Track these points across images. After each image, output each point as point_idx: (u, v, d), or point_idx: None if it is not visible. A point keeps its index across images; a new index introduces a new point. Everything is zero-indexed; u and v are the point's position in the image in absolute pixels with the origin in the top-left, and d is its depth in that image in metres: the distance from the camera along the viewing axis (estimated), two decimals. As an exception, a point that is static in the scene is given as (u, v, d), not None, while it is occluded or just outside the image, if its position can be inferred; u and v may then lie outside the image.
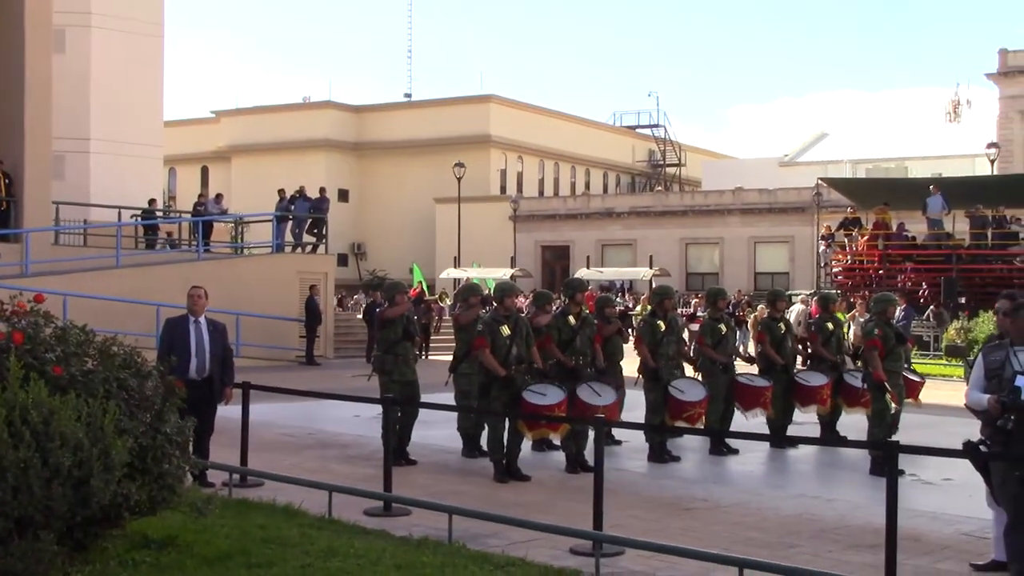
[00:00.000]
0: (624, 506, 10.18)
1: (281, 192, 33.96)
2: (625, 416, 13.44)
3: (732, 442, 14.01)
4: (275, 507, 9.66)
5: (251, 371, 20.61)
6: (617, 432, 14.16)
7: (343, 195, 68.06)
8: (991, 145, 43.84)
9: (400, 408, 12.42)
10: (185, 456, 7.74)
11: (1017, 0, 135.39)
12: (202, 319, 11.14)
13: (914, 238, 36.48)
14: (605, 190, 74.93)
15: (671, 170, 79.06)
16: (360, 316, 34.75)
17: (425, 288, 41.51)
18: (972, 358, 8.49)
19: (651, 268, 51.98)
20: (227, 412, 11.55)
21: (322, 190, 34.56)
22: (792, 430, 14.99)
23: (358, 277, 64.55)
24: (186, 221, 32.85)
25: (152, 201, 30.90)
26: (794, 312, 25.45)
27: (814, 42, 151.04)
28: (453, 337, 14.71)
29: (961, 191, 35.05)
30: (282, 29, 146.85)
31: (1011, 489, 7.50)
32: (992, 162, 42.88)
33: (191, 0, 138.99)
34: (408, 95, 76.60)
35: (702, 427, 13.30)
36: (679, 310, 30.96)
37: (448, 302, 37.45)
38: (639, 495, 11.11)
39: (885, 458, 8.06)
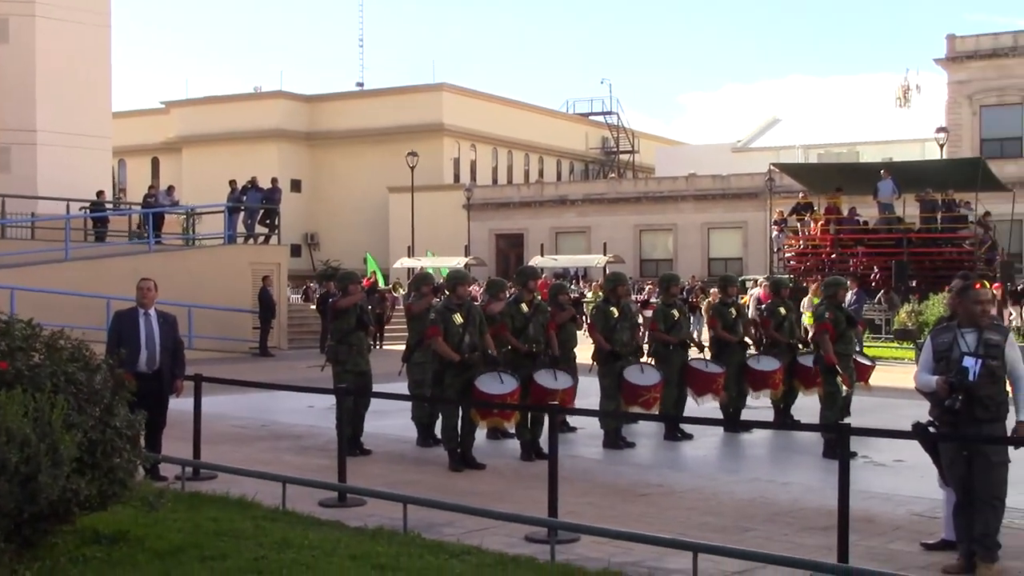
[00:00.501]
0: (579, 493, 10.19)
1: (233, 183, 33.69)
2: (579, 403, 13.45)
3: (687, 427, 14.06)
4: (228, 500, 9.59)
5: (204, 363, 20.45)
6: (572, 419, 14.18)
7: (296, 185, 67.71)
8: (940, 130, 44.24)
9: (354, 398, 12.38)
10: (136, 450, 7.65)
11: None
12: (152, 311, 11.03)
13: (866, 222, 36.78)
14: (559, 178, 75.02)
15: (624, 157, 79.23)
16: (314, 306, 34.58)
17: (380, 278, 41.39)
18: (922, 341, 8.56)
19: (605, 255, 52.05)
20: (179, 405, 11.45)
21: (274, 180, 34.29)
22: (746, 414, 15.08)
23: (311, 267, 64.21)
24: (136, 213, 32.51)
25: (100, 193, 30.55)
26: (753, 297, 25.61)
27: (763, 29, 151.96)
28: (406, 327, 14.66)
29: (911, 175, 35.36)
30: (233, 19, 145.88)
31: (959, 470, 7.58)
32: (941, 146, 43.29)
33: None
34: (360, 84, 76.35)
35: (656, 412, 13.31)
36: (633, 296, 31.14)
37: (402, 291, 37.34)
38: (594, 482, 11.12)
39: (837, 441, 8.11)
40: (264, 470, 10.68)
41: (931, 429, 7.66)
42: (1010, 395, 7.62)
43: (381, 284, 39.72)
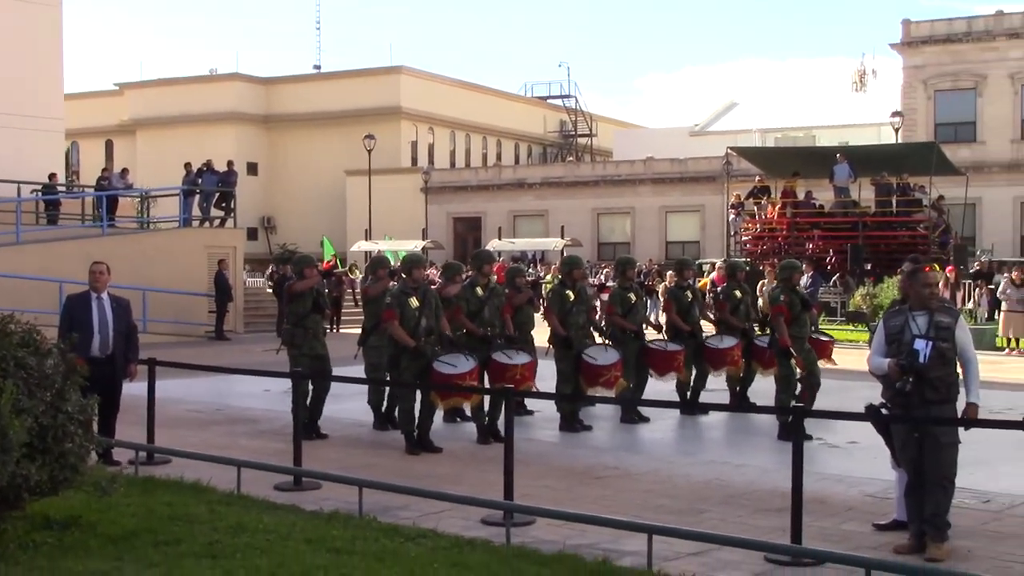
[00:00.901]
0: (535, 476, 10.20)
1: (188, 166, 33.42)
2: (537, 386, 13.49)
3: (643, 410, 14.11)
4: (182, 484, 9.53)
5: (159, 347, 20.35)
6: (529, 401, 14.20)
7: (252, 168, 67.24)
8: (895, 114, 44.59)
9: (311, 382, 12.34)
10: (88, 435, 7.58)
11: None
12: (105, 295, 10.93)
13: (822, 206, 37.03)
14: (517, 161, 74.92)
15: (582, 140, 79.24)
16: (270, 290, 34.44)
17: (338, 261, 41.22)
18: (874, 324, 8.64)
19: (563, 238, 52.10)
20: (134, 389, 11.37)
21: (230, 163, 34.05)
22: (703, 397, 15.15)
23: (268, 251, 63.85)
24: (89, 196, 32.17)
25: (52, 176, 30.21)
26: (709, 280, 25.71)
27: (720, 12, 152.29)
28: (362, 310, 14.62)
29: (867, 159, 35.64)
30: (188, 1, 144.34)
31: (910, 451, 7.66)
32: (897, 131, 43.63)
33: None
34: (317, 67, 75.84)
35: (613, 395, 13.36)
36: (590, 279, 31.21)
37: (358, 275, 37.21)
38: (550, 465, 11.14)
39: (791, 423, 8.16)
40: (219, 454, 10.62)
41: (883, 411, 7.73)
42: (960, 377, 7.71)
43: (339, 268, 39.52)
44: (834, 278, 31.82)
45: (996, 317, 27.44)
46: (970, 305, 29.21)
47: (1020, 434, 6.88)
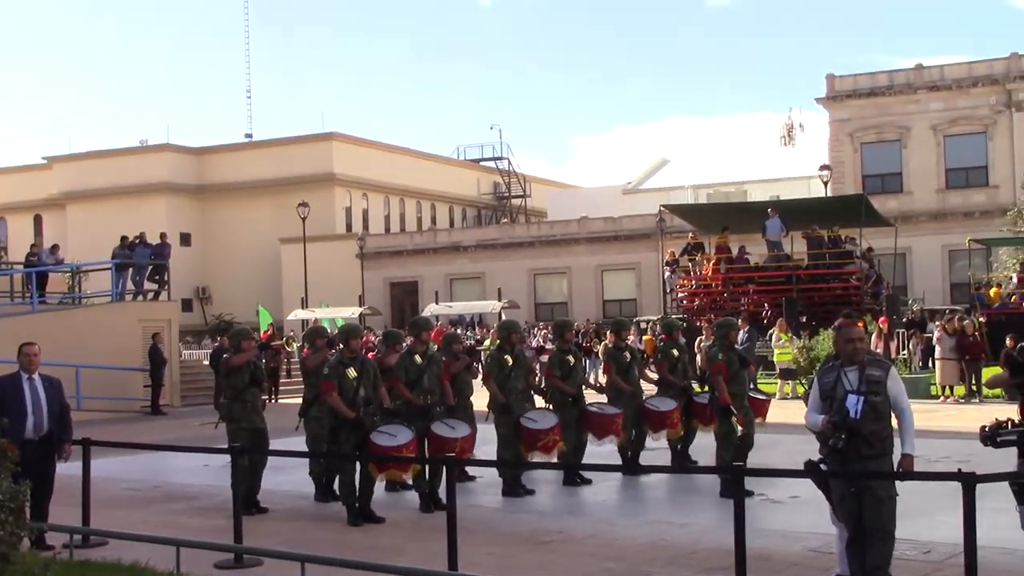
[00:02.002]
0: (480, 543, 10.13)
1: (124, 239, 33.14)
2: (477, 451, 13.44)
3: (585, 472, 14.09)
4: (120, 567, 9.35)
5: (94, 425, 20.02)
6: (471, 467, 14.12)
7: (185, 239, 66.82)
8: (824, 167, 45.35)
9: (249, 456, 12.20)
10: (20, 521, 7.40)
11: (841, 26, 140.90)
12: (36, 376, 10.74)
13: (755, 261, 37.40)
14: (451, 224, 75.13)
15: (516, 202, 79.68)
16: (207, 362, 34.09)
17: (274, 331, 40.98)
18: (802, 379, 8.71)
19: (500, 300, 52.22)
20: (68, 469, 11.16)
21: (163, 235, 33.82)
22: (644, 456, 15.17)
23: (204, 322, 63.35)
24: (18, 272, 31.76)
25: (-20, 252, 29.83)
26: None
27: (647, 72, 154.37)
28: (303, 381, 14.51)
29: (798, 213, 36.09)
30: (116, 72, 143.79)
31: (849, 505, 7.70)
32: (826, 183, 44.35)
33: (15, 42, 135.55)
34: (249, 135, 75.82)
35: (555, 459, 13.34)
36: (529, 342, 31.26)
37: (295, 346, 36.99)
38: (494, 531, 11.07)
39: (732, 481, 8.18)
40: (157, 534, 10.42)
41: (822, 466, 7.78)
42: (895, 428, 7.78)
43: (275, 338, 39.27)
44: (769, 332, 32.08)
45: (931, 365, 27.79)
46: (904, 354, 29.57)
47: (958, 483, 6.94)
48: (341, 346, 12.41)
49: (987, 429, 7.87)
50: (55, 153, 74.85)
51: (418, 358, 12.82)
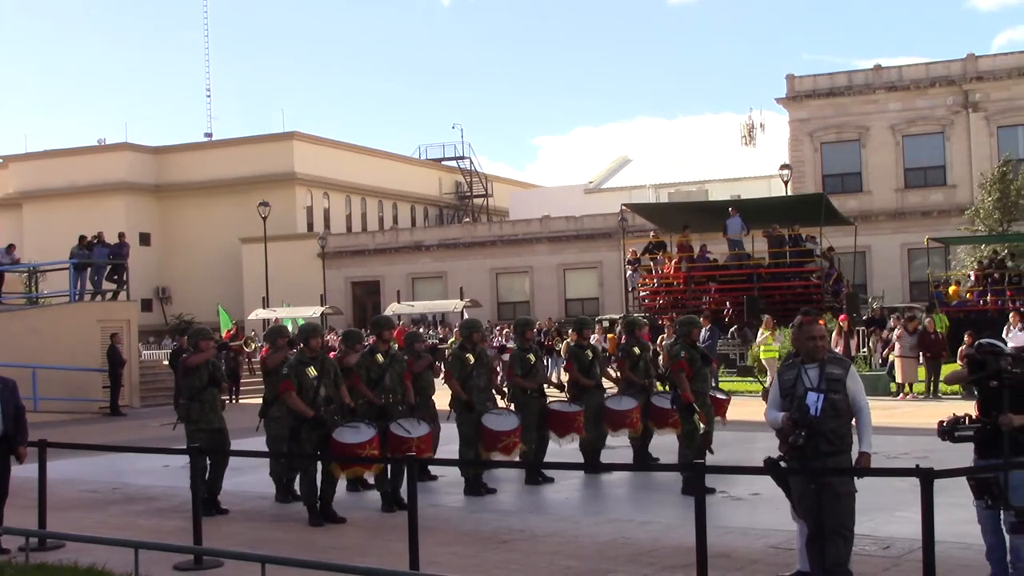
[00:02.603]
0: (442, 543, 10.11)
1: (83, 239, 32.82)
2: (439, 450, 13.41)
3: (547, 471, 14.08)
4: (76, 570, 9.25)
5: (52, 426, 19.85)
6: (433, 467, 14.10)
7: (145, 239, 66.32)
8: (784, 167, 45.60)
9: (209, 457, 12.11)
10: (-26, 524, 7.32)
11: (802, 27, 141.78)
12: (-10, 377, 10.61)
13: (716, 259, 37.57)
14: (413, 223, 74.95)
15: (478, 201, 79.61)
16: (167, 362, 33.85)
17: (237, 330, 40.79)
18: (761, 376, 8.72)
19: (462, 300, 52.15)
20: (24, 472, 11.03)
21: (121, 235, 33.49)
22: (605, 454, 15.18)
23: (164, 322, 62.92)
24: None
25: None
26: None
27: (609, 72, 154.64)
28: (263, 381, 14.43)
29: (759, 212, 36.30)
30: (73, 71, 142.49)
31: (809, 502, 7.73)
32: (786, 183, 44.61)
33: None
34: (209, 134, 75.30)
35: (517, 458, 13.34)
36: (491, 341, 31.24)
37: (254, 347, 36.75)
38: (456, 530, 11.05)
39: (694, 479, 8.20)
40: (115, 536, 10.33)
41: (781, 464, 7.81)
42: (854, 426, 7.82)
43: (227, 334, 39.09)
44: (731, 330, 32.23)
45: (890, 362, 28.01)
46: (864, 352, 29.77)
47: (916, 479, 6.97)
48: (301, 345, 12.35)
49: (945, 424, 7.92)
50: (11, 152, 74.15)
51: (380, 357, 12.78)
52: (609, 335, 33.94)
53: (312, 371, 11.84)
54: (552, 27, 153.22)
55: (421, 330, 35.42)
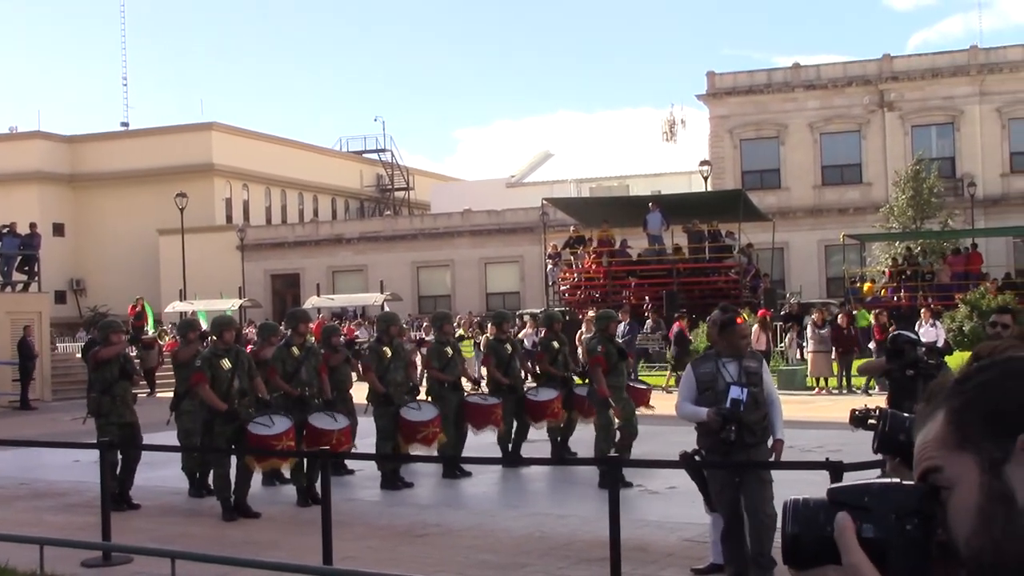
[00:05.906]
0: (357, 537, 10.01)
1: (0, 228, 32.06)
2: (358, 444, 13.30)
3: (465, 465, 14.04)
4: (-20, 567, 9.01)
5: (-42, 420, 19.37)
6: (349, 461, 13.98)
7: (58, 229, 65.07)
8: (704, 163, 45.97)
9: (120, 451, 11.89)
10: None
11: (722, 24, 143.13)
12: None
13: (637, 254, 37.80)
14: (334, 216, 74.39)
15: (400, 194, 79.20)
16: (80, 355, 33.26)
17: (151, 323, 40.20)
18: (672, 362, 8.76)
19: (382, 293, 51.86)
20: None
21: (32, 225, 32.81)
22: (525, 447, 15.17)
23: (78, 314, 61.83)
24: None
25: None
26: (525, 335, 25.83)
27: (530, 66, 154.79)
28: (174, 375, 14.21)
29: (679, 207, 36.57)
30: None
31: (729, 494, 7.77)
32: (706, 179, 44.96)
33: None
34: (125, 124, 74.03)
35: (435, 451, 13.29)
36: (411, 334, 31.10)
37: (167, 339, 36.26)
38: (372, 525, 10.96)
39: (609, 472, 8.20)
40: (20, 532, 10.07)
41: (696, 458, 7.84)
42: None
43: (151, 330, 38.54)
44: (647, 322, 32.44)
45: (806, 358, 28.36)
46: (782, 347, 30.10)
47: (827, 471, 7.04)
48: (214, 338, 12.17)
49: (858, 412, 8.01)
50: (-80, 140, 72.36)
51: (295, 350, 12.65)
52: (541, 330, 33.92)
53: (226, 363, 11.68)
54: (473, 20, 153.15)
55: (340, 324, 35.16)
